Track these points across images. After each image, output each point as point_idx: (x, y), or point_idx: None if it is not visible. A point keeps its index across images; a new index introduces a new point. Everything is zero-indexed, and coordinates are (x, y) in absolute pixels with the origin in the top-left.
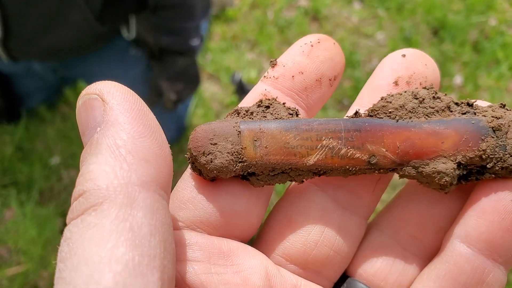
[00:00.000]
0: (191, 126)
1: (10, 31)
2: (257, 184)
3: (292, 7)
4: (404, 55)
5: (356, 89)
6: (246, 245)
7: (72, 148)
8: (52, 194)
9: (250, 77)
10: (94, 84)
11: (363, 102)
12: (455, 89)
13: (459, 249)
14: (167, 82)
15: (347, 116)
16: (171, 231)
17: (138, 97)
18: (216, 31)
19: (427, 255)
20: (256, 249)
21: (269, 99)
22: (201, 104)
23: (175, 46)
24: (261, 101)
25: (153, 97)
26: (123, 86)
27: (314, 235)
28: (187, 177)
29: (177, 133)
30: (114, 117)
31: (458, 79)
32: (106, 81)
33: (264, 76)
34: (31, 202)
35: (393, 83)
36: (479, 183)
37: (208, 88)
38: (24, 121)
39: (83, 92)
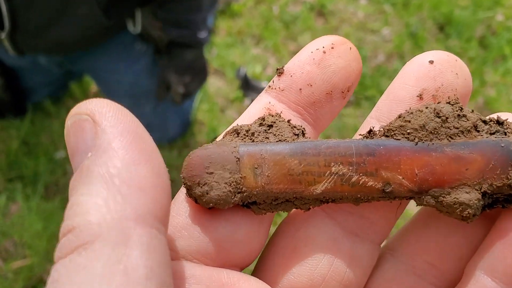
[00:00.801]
0: (196, 121)
1: (17, 24)
2: (259, 213)
3: (298, 2)
4: (432, 62)
5: (361, 85)
6: (248, 275)
7: None
8: (58, 188)
9: (255, 72)
10: (84, 102)
11: (381, 115)
12: None
13: (484, 282)
14: (175, 75)
15: (360, 134)
16: (170, 271)
17: (133, 117)
18: (222, 26)
19: (447, 285)
20: (258, 278)
21: (272, 116)
22: (206, 99)
23: (183, 39)
24: (263, 118)
25: (161, 91)
26: (116, 105)
27: (322, 268)
28: (182, 200)
29: (182, 128)
30: (107, 141)
31: None
32: (98, 99)
33: (269, 86)
34: (37, 196)
35: (417, 96)
36: (506, 210)
37: (213, 83)
38: (29, 115)
39: (73, 111)
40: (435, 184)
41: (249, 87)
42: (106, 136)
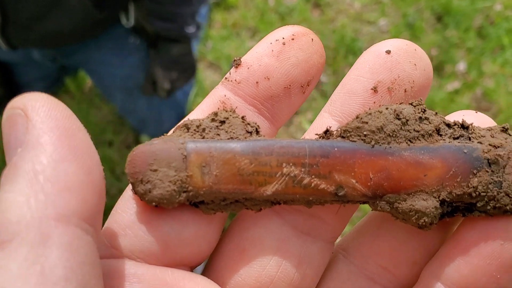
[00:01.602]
0: None
1: (7, 18)
2: (207, 212)
3: None
4: (388, 52)
5: None
6: (195, 274)
7: None
8: None
9: None
10: (20, 96)
11: (334, 109)
12: (458, 76)
13: None
14: (161, 70)
15: (317, 134)
16: (96, 272)
17: (68, 111)
18: (217, 19)
19: (399, 286)
20: (209, 277)
21: (226, 111)
22: (202, 93)
23: (170, 33)
24: (216, 113)
25: (147, 85)
26: (52, 99)
27: (270, 270)
28: (128, 197)
29: (177, 121)
30: (36, 137)
31: (461, 66)
32: (33, 93)
33: (226, 78)
34: None
35: (372, 89)
36: (466, 218)
37: (209, 76)
38: None
39: (9, 105)
40: (390, 190)
41: None
42: (36, 132)
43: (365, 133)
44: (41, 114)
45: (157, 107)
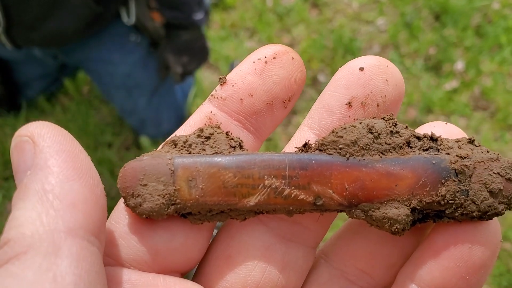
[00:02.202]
0: (190, 115)
1: (11, 19)
2: (195, 222)
3: None
4: (362, 69)
5: None
6: (185, 280)
7: None
8: None
9: None
10: (27, 125)
11: (312, 123)
12: (456, 75)
13: None
14: (173, 55)
15: (296, 147)
16: (101, 279)
17: (71, 137)
18: (215, 19)
19: None
20: (197, 283)
21: (211, 127)
22: (200, 94)
23: (178, 20)
24: (201, 130)
25: (161, 70)
26: (55, 126)
27: (255, 276)
28: (121, 209)
29: (176, 123)
30: (44, 160)
31: (459, 65)
32: (39, 122)
33: (212, 95)
34: None
35: (346, 104)
36: (437, 224)
37: (208, 77)
38: (24, 112)
39: (16, 134)
40: (364, 199)
41: None
42: (43, 155)
43: (340, 146)
44: (47, 140)
45: (156, 107)
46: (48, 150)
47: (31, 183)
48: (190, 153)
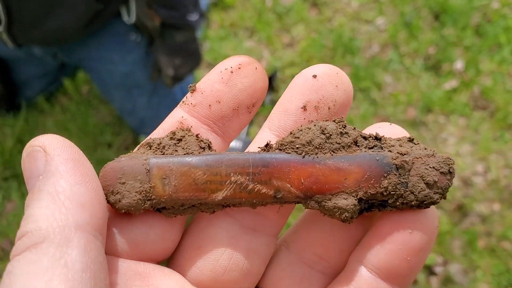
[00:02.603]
0: None
1: (13, 17)
2: (169, 216)
3: None
4: (315, 76)
5: (356, 76)
6: (162, 266)
7: (72, 140)
8: None
9: None
10: (38, 137)
11: (272, 125)
12: (456, 74)
13: (361, 272)
14: (165, 56)
15: (259, 147)
16: (104, 268)
17: (77, 148)
18: (214, 19)
19: (332, 273)
20: (172, 269)
21: (183, 130)
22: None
23: (173, 20)
24: (174, 133)
25: (153, 73)
26: (63, 139)
27: (222, 262)
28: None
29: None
30: (55, 166)
31: (459, 64)
32: (49, 134)
33: (183, 102)
34: None
35: (302, 108)
36: (383, 214)
37: None
38: (23, 113)
39: (28, 144)
40: (318, 192)
41: None
42: (54, 163)
43: (297, 146)
44: (56, 150)
45: (155, 107)
46: (58, 158)
47: (45, 186)
48: (163, 154)
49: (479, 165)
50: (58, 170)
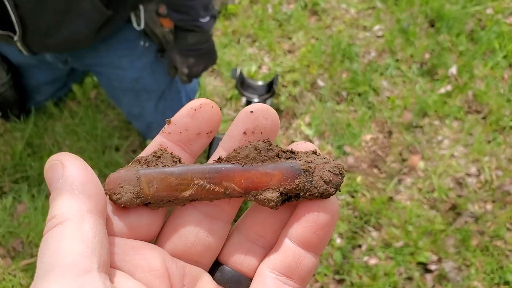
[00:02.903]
0: None
1: (27, 28)
2: (154, 208)
3: (291, 1)
4: (252, 111)
5: (354, 81)
6: (150, 243)
7: (80, 143)
8: None
9: (251, 71)
10: (56, 154)
11: (225, 145)
12: (450, 79)
13: (287, 243)
14: (180, 56)
15: (214, 160)
16: (106, 237)
17: (83, 160)
18: (217, 27)
19: (269, 246)
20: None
21: (162, 150)
22: (204, 98)
23: (183, 23)
24: (155, 152)
25: (170, 69)
26: (74, 155)
27: (191, 238)
28: (107, 202)
29: None
30: (70, 173)
31: (454, 70)
32: (64, 152)
33: (162, 131)
34: (42, 196)
35: (243, 133)
36: (300, 202)
37: (210, 82)
38: (33, 117)
39: (49, 160)
40: (253, 188)
41: (244, 86)
42: (69, 171)
43: (238, 158)
44: (70, 161)
45: (162, 111)
46: (72, 167)
47: (64, 186)
48: (148, 166)
49: (472, 167)
50: (73, 175)
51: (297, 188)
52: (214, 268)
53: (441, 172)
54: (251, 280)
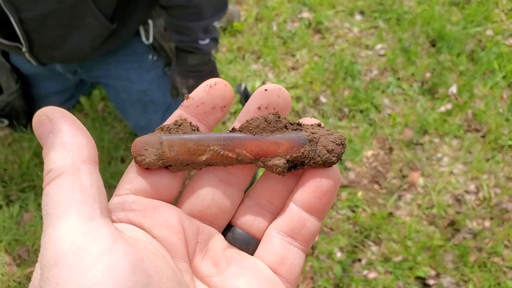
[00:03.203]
0: None
1: (32, 42)
2: (173, 171)
3: (296, 19)
4: (266, 90)
5: (356, 98)
6: (169, 204)
7: None
8: None
9: (255, 87)
10: (42, 109)
11: (241, 119)
12: (450, 98)
13: (292, 207)
14: (179, 77)
15: (229, 129)
16: (102, 184)
17: (70, 113)
18: (223, 43)
19: (277, 211)
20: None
21: (182, 120)
22: None
23: (183, 44)
24: (176, 121)
25: (172, 90)
26: (61, 109)
27: (207, 200)
28: (132, 164)
29: None
30: (58, 126)
31: (454, 89)
32: (51, 106)
33: (181, 105)
34: None
35: (258, 108)
36: (305, 170)
37: None
38: None
39: (36, 115)
40: (263, 156)
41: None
42: (57, 124)
43: (250, 128)
44: (57, 115)
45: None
46: (60, 121)
47: (55, 139)
48: (170, 133)
49: (471, 184)
50: (61, 128)
51: (302, 156)
52: (226, 229)
53: (440, 189)
54: (259, 241)
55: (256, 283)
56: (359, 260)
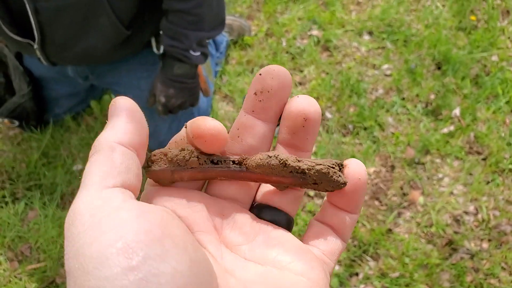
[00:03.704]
0: None
1: (45, 37)
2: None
3: (305, 36)
4: (260, 74)
5: (360, 116)
6: (190, 189)
7: None
8: (73, 198)
9: None
10: (117, 98)
11: (245, 106)
12: (454, 120)
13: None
14: (161, 85)
15: (237, 156)
16: (136, 165)
17: (135, 104)
18: (233, 56)
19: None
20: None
21: (189, 151)
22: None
23: (173, 50)
24: (184, 156)
25: (149, 98)
26: (130, 99)
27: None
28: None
29: None
30: (117, 112)
31: (457, 111)
32: (122, 97)
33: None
34: (53, 204)
35: (254, 93)
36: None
37: (223, 107)
38: (50, 129)
39: (113, 101)
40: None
41: None
42: (117, 110)
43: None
44: (121, 104)
45: (175, 132)
46: (120, 107)
47: (109, 123)
48: (179, 165)
49: (470, 205)
50: (118, 114)
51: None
52: (252, 205)
53: (439, 208)
54: (287, 214)
55: (283, 249)
56: (357, 274)
